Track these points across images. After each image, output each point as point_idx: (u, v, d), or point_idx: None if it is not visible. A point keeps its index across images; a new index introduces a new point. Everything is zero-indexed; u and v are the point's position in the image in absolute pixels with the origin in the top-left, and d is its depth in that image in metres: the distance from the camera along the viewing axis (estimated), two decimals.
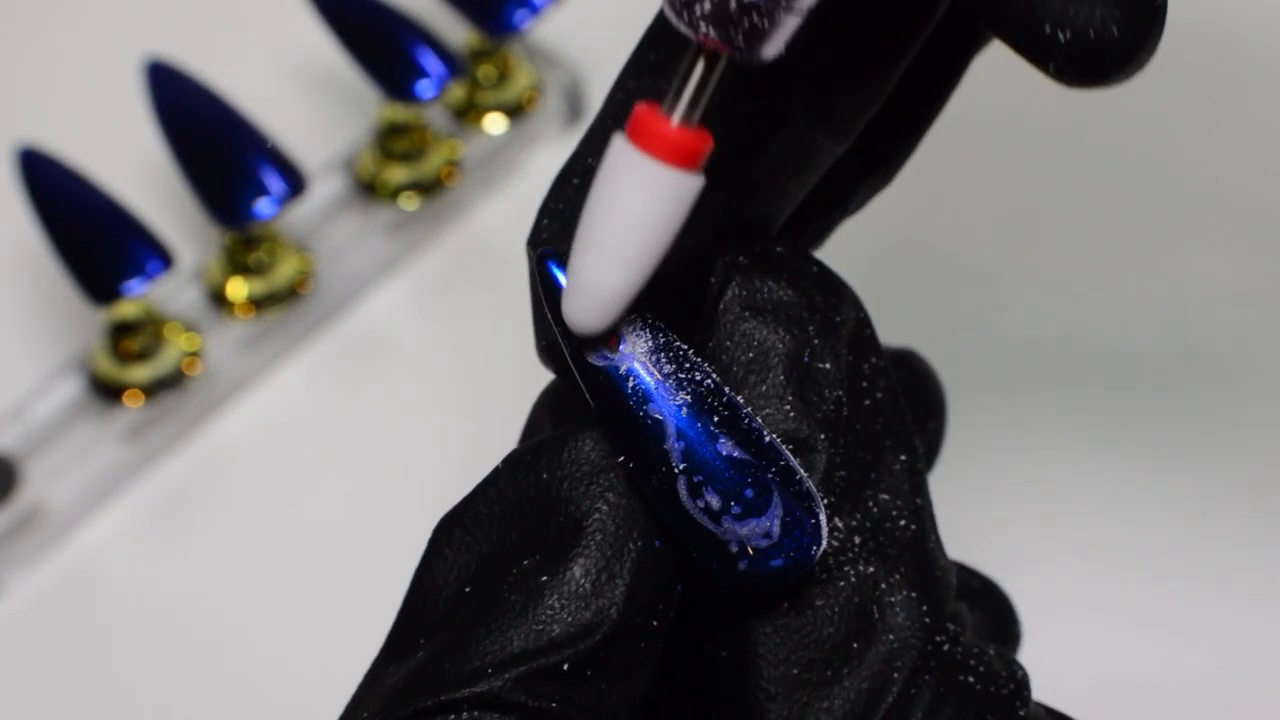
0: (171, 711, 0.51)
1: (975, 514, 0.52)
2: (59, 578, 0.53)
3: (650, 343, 0.30)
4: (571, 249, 0.30)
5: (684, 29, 0.29)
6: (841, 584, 0.31)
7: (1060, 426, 0.54)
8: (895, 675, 0.31)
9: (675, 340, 0.31)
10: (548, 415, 0.34)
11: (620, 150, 0.29)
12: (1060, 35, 0.29)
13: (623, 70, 0.33)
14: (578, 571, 0.30)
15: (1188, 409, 0.54)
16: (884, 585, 0.32)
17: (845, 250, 0.38)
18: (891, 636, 0.31)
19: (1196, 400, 0.54)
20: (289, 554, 0.53)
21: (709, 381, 0.30)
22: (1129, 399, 0.54)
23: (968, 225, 0.58)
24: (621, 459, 0.30)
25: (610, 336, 0.30)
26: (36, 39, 0.63)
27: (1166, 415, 0.54)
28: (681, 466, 0.30)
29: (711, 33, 0.28)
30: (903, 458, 0.33)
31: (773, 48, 0.29)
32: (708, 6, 0.28)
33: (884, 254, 0.57)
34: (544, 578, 0.30)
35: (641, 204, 0.29)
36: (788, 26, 0.29)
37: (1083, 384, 0.55)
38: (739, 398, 0.31)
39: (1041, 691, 0.33)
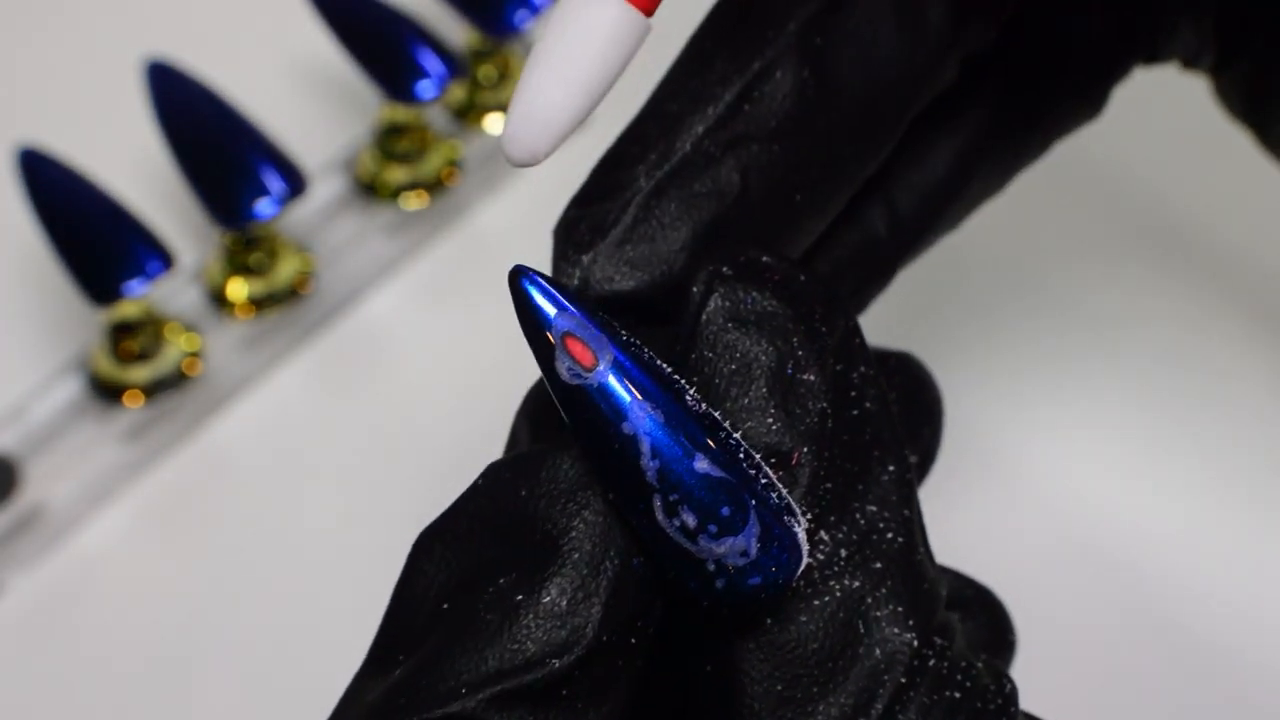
0: (171, 711, 0.51)
1: (970, 520, 0.51)
2: (59, 578, 0.53)
3: (626, 359, 0.30)
4: (521, 73, 0.31)
5: None
6: (826, 599, 0.31)
7: (1060, 432, 0.54)
8: (881, 691, 0.31)
9: (651, 356, 0.30)
10: (527, 426, 0.34)
11: None
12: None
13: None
14: (554, 590, 0.30)
15: (1191, 415, 0.54)
16: (870, 599, 0.31)
17: None
18: (877, 652, 0.31)
19: (1197, 409, 0.54)
20: (289, 554, 0.53)
21: (686, 398, 0.30)
22: (1129, 406, 0.54)
23: (974, 228, 0.58)
24: (598, 476, 0.30)
25: (585, 353, 0.30)
26: (36, 39, 0.63)
27: (1168, 422, 0.54)
28: (657, 485, 0.30)
29: None
30: (891, 468, 0.32)
31: None
32: None
33: None
34: (520, 596, 0.30)
35: (591, 33, 0.30)
36: None
37: (1085, 389, 0.54)
38: (717, 414, 0.30)
39: (1034, 700, 0.33)
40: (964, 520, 0.51)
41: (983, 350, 0.55)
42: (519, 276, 0.30)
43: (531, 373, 0.35)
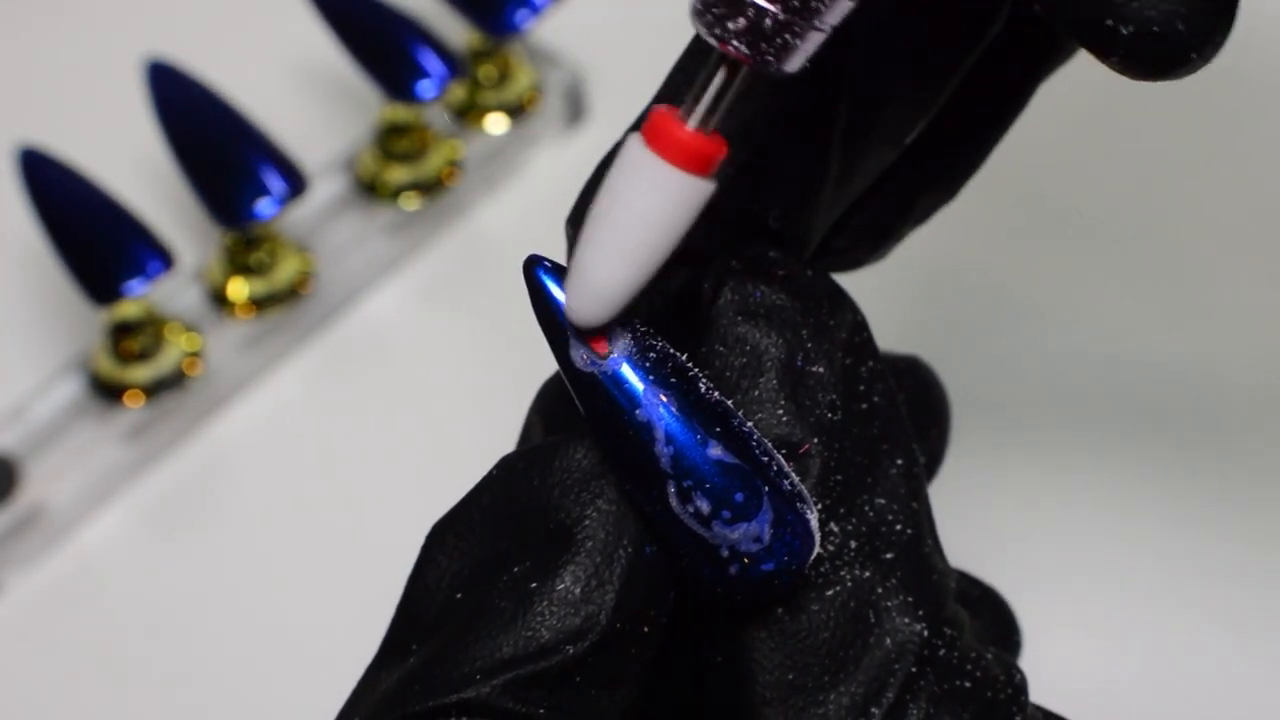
0: (171, 712, 0.51)
1: (978, 522, 0.52)
2: (59, 578, 0.53)
3: (639, 348, 0.30)
4: (578, 242, 0.30)
5: (711, 41, 0.29)
6: (837, 588, 0.31)
7: (1064, 436, 0.54)
8: (891, 680, 0.31)
9: (665, 345, 0.30)
10: (540, 420, 0.34)
11: (634, 150, 0.29)
12: (1123, 29, 0.29)
13: (665, 82, 0.33)
14: (567, 578, 0.30)
15: (1192, 423, 0.54)
16: (880, 590, 0.31)
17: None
18: (888, 641, 0.31)
19: (1201, 415, 0.54)
20: (288, 554, 0.53)
21: (699, 386, 0.30)
22: (1133, 411, 0.54)
23: (976, 237, 0.58)
24: (612, 464, 0.30)
25: (599, 342, 0.30)
26: (36, 39, 0.63)
27: (1171, 428, 0.54)
28: (671, 471, 0.30)
29: (742, 48, 0.29)
30: (899, 462, 0.32)
31: (797, 62, 0.29)
32: (741, 23, 0.28)
33: (891, 264, 0.57)
34: (534, 584, 0.30)
35: (650, 205, 0.29)
36: (814, 42, 0.29)
37: (1088, 394, 0.55)
38: (730, 402, 0.31)
39: (1042, 697, 0.33)
40: (970, 521, 0.51)
41: (987, 356, 0.55)
42: (533, 266, 0.30)
43: (532, 372, 0.36)
